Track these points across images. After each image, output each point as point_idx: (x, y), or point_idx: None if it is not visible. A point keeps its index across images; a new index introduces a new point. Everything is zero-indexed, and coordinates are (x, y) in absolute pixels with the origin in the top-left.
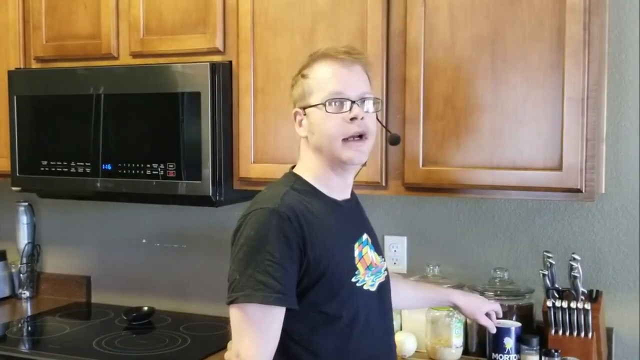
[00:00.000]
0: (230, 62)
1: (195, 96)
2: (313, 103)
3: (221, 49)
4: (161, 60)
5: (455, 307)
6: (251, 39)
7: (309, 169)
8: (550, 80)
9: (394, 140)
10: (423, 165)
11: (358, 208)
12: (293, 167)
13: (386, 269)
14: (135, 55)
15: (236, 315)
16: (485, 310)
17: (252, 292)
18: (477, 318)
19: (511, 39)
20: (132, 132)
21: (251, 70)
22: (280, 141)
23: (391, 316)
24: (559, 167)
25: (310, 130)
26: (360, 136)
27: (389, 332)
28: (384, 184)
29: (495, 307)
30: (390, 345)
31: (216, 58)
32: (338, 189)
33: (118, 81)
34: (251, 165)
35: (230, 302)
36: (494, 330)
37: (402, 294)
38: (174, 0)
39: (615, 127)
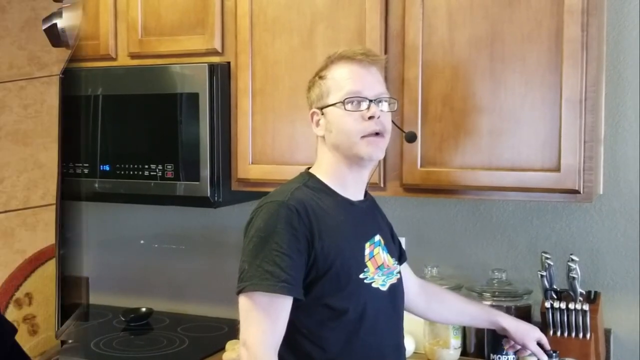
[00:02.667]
0: (229, 63)
1: (194, 97)
2: (331, 102)
3: (219, 50)
4: (159, 61)
5: (503, 330)
6: (249, 40)
7: (324, 168)
8: (549, 82)
9: (410, 137)
10: (421, 166)
11: (373, 209)
12: (309, 168)
13: (399, 272)
14: (133, 56)
15: (244, 304)
16: (535, 336)
17: (259, 281)
18: (526, 343)
19: (509, 40)
20: (130, 133)
21: (249, 71)
22: (278, 142)
23: (402, 318)
24: (557, 168)
25: (327, 128)
26: (377, 134)
27: (399, 333)
28: (382, 185)
29: (542, 336)
30: (399, 345)
31: (214, 59)
32: (352, 187)
33: (116, 82)
34: (249, 166)
35: (239, 292)
36: (545, 359)
37: (450, 306)
38: (172, 1)
39: (613, 128)
